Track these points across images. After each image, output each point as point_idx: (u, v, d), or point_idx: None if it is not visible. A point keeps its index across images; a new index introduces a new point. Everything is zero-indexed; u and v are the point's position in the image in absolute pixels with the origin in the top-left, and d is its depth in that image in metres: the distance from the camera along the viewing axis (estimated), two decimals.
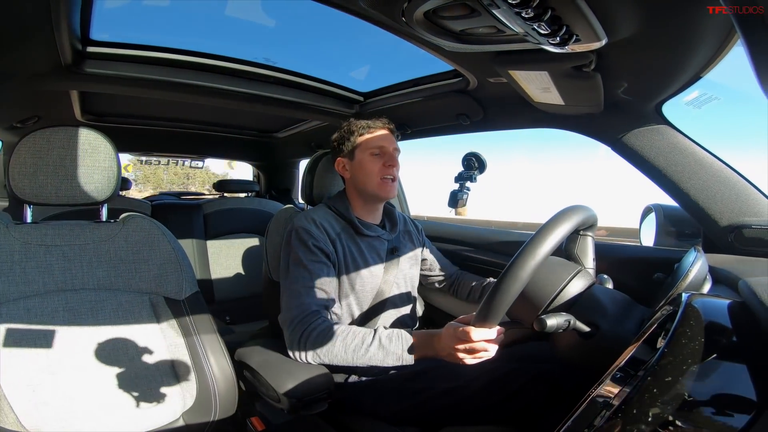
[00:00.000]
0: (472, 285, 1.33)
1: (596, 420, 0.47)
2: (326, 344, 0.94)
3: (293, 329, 0.97)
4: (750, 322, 0.53)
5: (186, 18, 1.34)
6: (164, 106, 1.95)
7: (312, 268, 1.04)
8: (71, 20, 0.97)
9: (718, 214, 1.02)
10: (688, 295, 0.60)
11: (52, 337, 0.91)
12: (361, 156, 1.16)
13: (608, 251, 1.21)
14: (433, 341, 0.91)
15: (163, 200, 2.68)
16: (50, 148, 0.93)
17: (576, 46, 0.78)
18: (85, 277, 0.97)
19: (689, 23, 0.73)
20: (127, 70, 1.27)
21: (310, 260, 1.05)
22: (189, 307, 1.04)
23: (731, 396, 0.45)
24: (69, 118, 1.79)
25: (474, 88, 1.25)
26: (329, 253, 1.09)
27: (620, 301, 0.81)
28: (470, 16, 0.75)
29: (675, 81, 0.94)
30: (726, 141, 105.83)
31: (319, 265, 1.05)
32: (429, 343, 0.92)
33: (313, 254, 1.06)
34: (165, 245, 1.05)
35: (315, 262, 1.05)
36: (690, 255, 0.82)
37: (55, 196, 0.95)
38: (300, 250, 1.06)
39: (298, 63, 1.49)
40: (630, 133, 1.11)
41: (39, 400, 0.86)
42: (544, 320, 0.70)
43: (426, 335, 0.94)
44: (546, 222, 0.73)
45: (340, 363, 0.95)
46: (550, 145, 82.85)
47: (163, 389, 0.99)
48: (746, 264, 0.89)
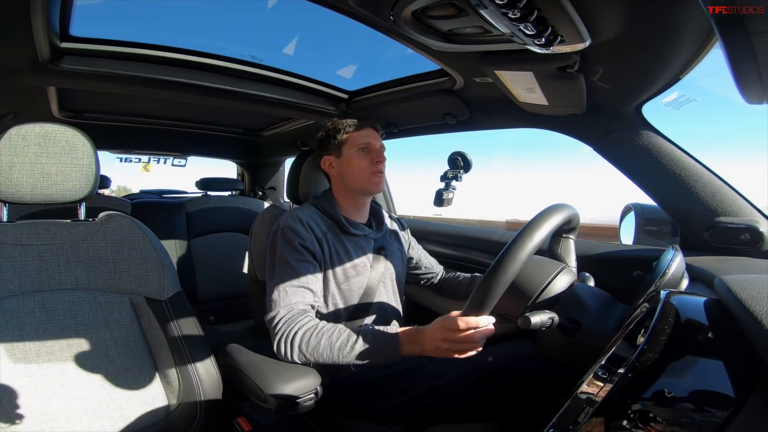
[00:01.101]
0: (459, 280, 1.34)
1: (580, 417, 0.48)
2: (312, 343, 0.93)
3: (279, 328, 0.96)
4: (725, 319, 0.54)
5: (169, 14, 1.31)
6: (146, 102, 1.90)
7: (298, 268, 1.03)
8: (50, 15, 0.94)
9: (694, 213, 1.05)
10: (666, 292, 0.61)
11: (30, 338, 0.88)
12: (348, 152, 1.17)
13: (589, 250, 1.23)
14: (420, 336, 0.90)
15: (144, 198, 2.61)
16: (26, 145, 0.90)
17: (561, 47, 0.80)
18: (63, 277, 0.94)
19: (670, 25, 0.75)
20: (107, 66, 1.23)
21: (296, 259, 1.04)
22: (171, 308, 1.02)
23: (710, 392, 0.47)
24: (46, 115, 1.73)
25: (460, 88, 1.26)
26: (315, 253, 1.08)
27: (601, 298, 0.83)
28: (458, 16, 0.76)
29: (655, 82, 0.97)
30: (705, 143, 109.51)
31: (306, 265, 1.04)
32: (415, 339, 0.91)
33: (299, 253, 1.05)
34: (146, 244, 1.03)
35: (301, 261, 1.04)
36: (668, 253, 0.85)
37: (31, 195, 0.92)
38: (286, 249, 1.05)
39: (285, 61, 1.47)
40: (611, 134, 1.14)
41: (18, 403, 0.84)
42: (529, 318, 0.71)
43: (412, 331, 0.93)
44: (540, 212, 0.75)
45: (326, 362, 0.94)
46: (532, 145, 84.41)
47: (146, 390, 0.97)
48: (721, 262, 0.92)
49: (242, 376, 0.99)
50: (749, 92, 0.60)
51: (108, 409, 0.92)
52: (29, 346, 0.88)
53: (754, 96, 0.61)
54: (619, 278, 1.07)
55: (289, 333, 0.95)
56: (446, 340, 0.83)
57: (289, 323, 0.96)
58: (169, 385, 1.00)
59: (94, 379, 0.93)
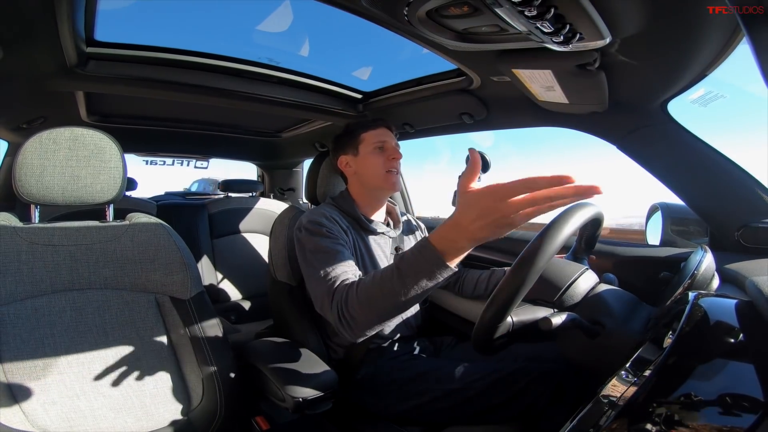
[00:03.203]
0: (478, 278, 1.30)
1: (602, 420, 0.47)
2: (362, 293, 0.80)
3: (332, 306, 0.87)
4: (757, 321, 0.52)
5: (190, 18, 1.35)
6: (169, 106, 1.96)
7: (332, 249, 0.98)
8: (75, 21, 0.97)
9: (724, 212, 1.01)
10: (695, 294, 0.59)
11: (60, 336, 0.92)
12: (365, 151, 1.18)
13: (614, 250, 1.20)
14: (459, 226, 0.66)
15: (168, 200, 2.68)
16: (56, 149, 0.94)
17: (580, 45, 0.78)
18: (92, 276, 0.98)
19: (694, 20, 0.73)
20: (131, 70, 1.28)
21: (327, 244, 1.00)
22: (194, 307, 1.05)
23: (738, 395, 0.45)
24: (75, 119, 1.80)
25: (477, 87, 1.25)
26: (345, 241, 1.06)
27: (626, 300, 0.81)
28: (473, 15, 0.75)
29: (680, 79, 0.94)
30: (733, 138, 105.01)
31: (339, 246, 1.01)
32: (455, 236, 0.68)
33: (329, 239, 1.02)
34: (171, 245, 1.06)
35: (334, 244, 1.01)
36: (697, 254, 0.82)
37: (62, 197, 0.95)
38: (316, 238, 1.02)
39: (301, 63, 1.49)
40: (635, 132, 1.11)
41: (47, 400, 0.86)
42: (550, 319, 0.70)
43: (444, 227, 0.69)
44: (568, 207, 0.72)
45: (383, 306, 0.78)
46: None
47: (170, 388, 1.00)
48: (754, 263, 0.88)
49: (261, 375, 1.01)
50: None
51: (133, 407, 0.94)
52: (59, 343, 0.91)
53: None
54: (645, 279, 1.04)
55: (343, 308, 0.84)
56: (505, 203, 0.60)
57: (336, 294, 0.87)
58: (191, 383, 1.02)
59: (120, 376, 0.96)
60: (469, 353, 1.20)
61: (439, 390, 0.99)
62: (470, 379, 0.99)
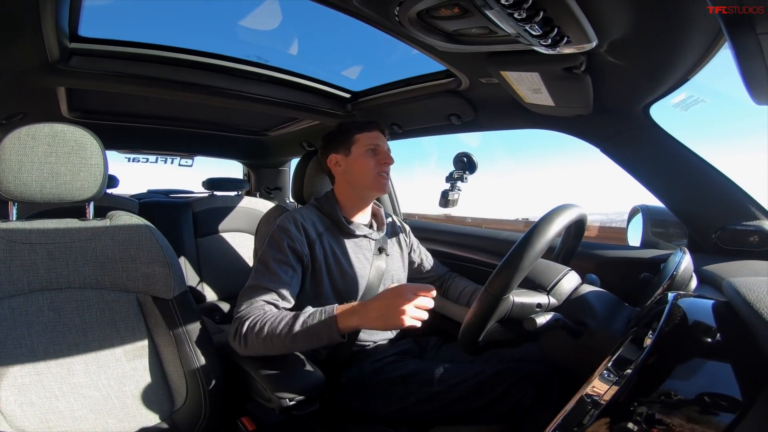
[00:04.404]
0: (462, 290, 1.33)
1: (585, 419, 0.48)
2: (256, 329, 0.92)
3: (237, 316, 0.97)
4: (734, 321, 0.54)
5: (177, 14, 1.32)
6: (153, 103, 1.92)
7: (275, 269, 1.02)
8: (59, 16, 0.95)
9: (703, 215, 1.04)
10: (674, 294, 0.61)
11: (38, 336, 0.89)
12: (357, 152, 1.18)
13: (596, 251, 1.22)
14: (359, 308, 0.90)
15: (151, 198, 2.63)
16: (35, 145, 0.91)
17: (567, 48, 0.79)
18: (71, 275, 0.95)
19: (677, 25, 0.75)
20: (115, 66, 1.25)
21: (276, 260, 1.04)
22: (178, 307, 1.03)
23: (717, 395, 0.46)
24: (56, 115, 1.75)
25: (466, 89, 1.26)
26: (303, 255, 1.07)
27: (608, 300, 0.82)
28: (463, 17, 0.76)
29: (663, 83, 0.96)
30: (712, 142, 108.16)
31: (284, 267, 1.04)
32: (354, 310, 0.90)
33: (282, 254, 1.05)
34: (153, 243, 1.04)
35: (280, 263, 1.04)
36: (676, 255, 0.84)
37: (40, 194, 0.93)
38: (271, 248, 1.06)
39: (290, 61, 1.48)
40: (618, 135, 1.13)
41: (24, 400, 0.84)
42: (534, 319, 0.71)
43: (353, 304, 0.92)
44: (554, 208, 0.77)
45: (271, 347, 0.92)
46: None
47: (152, 389, 0.98)
48: (731, 265, 0.91)
49: (247, 375, 1.00)
50: (758, 93, 0.59)
51: (114, 408, 0.92)
52: (37, 344, 0.89)
53: (762, 97, 0.60)
54: (626, 280, 1.06)
55: (243, 320, 0.95)
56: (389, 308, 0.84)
57: (246, 314, 0.96)
58: (174, 384, 1.00)
59: (101, 377, 0.93)
60: (454, 354, 1.21)
61: (424, 393, 1.00)
62: (455, 381, 0.99)
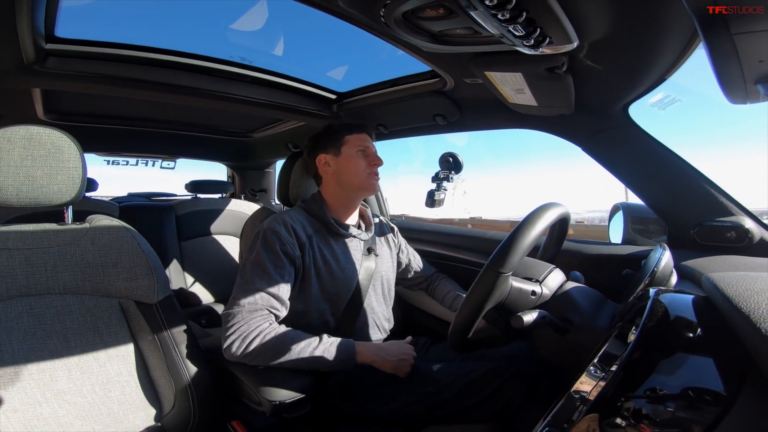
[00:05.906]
0: (446, 293, 1.35)
1: (574, 415, 0.48)
2: (269, 344, 0.95)
3: (238, 326, 0.96)
4: (713, 316, 0.55)
5: (157, 15, 1.30)
6: (133, 104, 1.88)
7: (272, 272, 1.02)
8: (35, 17, 0.92)
9: (681, 211, 1.07)
10: (656, 290, 0.62)
11: (18, 343, 0.87)
12: (348, 152, 1.18)
13: (579, 249, 1.25)
14: (378, 350, 1.04)
15: (132, 201, 2.57)
16: (11, 148, 0.88)
17: (549, 48, 0.80)
18: (50, 281, 0.92)
19: (655, 27, 0.77)
20: (93, 67, 1.21)
21: (272, 263, 1.03)
22: (162, 311, 1.01)
23: (701, 389, 0.47)
24: (31, 117, 1.70)
25: (451, 89, 1.27)
26: (295, 258, 1.07)
27: (593, 297, 0.84)
28: (448, 18, 0.76)
29: (641, 83, 0.98)
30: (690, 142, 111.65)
31: (280, 271, 1.04)
32: (373, 350, 1.03)
33: (276, 258, 1.04)
34: (134, 248, 1.01)
35: (276, 266, 1.04)
36: (656, 252, 0.86)
37: (17, 199, 0.90)
38: (264, 251, 1.05)
39: (275, 62, 1.46)
40: (598, 134, 1.15)
41: (8, 407, 0.82)
42: (521, 317, 0.72)
43: (372, 344, 1.06)
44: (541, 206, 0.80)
45: (281, 360, 0.96)
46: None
47: (138, 395, 0.96)
48: (708, 260, 0.94)
49: (236, 378, 0.98)
50: (732, 92, 0.61)
51: (100, 413, 0.90)
52: (17, 350, 0.86)
53: (737, 96, 0.62)
54: (609, 277, 1.08)
55: (248, 332, 0.96)
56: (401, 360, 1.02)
57: (249, 322, 0.97)
58: (161, 389, 0.98)
59: (85, 383, 0.91)
60: (443, 353, 1.21)
61: (413, 393, 1.00)
62: (444, 381, 1.00)
